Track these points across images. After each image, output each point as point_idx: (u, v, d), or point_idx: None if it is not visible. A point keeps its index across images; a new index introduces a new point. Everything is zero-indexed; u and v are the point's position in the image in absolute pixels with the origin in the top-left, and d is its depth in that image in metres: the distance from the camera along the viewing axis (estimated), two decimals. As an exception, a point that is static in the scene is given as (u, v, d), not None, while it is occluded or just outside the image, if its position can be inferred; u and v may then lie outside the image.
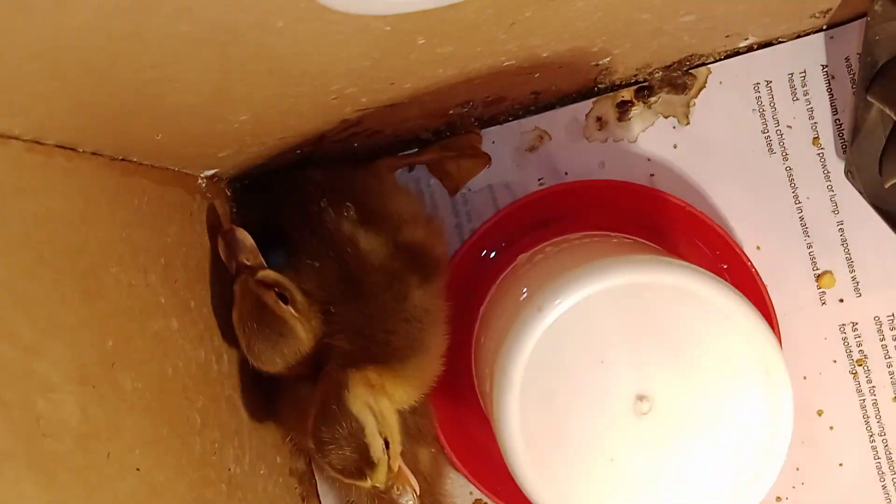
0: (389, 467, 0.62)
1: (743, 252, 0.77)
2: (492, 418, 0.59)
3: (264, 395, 0.74)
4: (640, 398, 0.52)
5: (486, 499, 0.82)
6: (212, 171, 0.72)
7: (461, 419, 0.79)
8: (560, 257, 0.65)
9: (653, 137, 0.82)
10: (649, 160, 0.82)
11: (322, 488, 0.80)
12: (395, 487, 0.63)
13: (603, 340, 0.53)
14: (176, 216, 0.64)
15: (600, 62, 0.72)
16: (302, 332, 0.66)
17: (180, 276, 0.63)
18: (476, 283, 0.78)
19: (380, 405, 0.62)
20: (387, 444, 0.61)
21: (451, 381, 0.78)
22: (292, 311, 0.67)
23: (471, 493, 0.82)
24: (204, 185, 0.72)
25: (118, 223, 0.55)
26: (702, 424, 0.53)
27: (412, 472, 0.69)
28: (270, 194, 0.75)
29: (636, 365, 0.53)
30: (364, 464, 0.60)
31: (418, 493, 0.64)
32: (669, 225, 0.76)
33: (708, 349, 0.53)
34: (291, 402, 0.70)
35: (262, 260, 0.70)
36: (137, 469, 0.50)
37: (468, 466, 0.76)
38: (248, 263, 0.69)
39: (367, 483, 0.61)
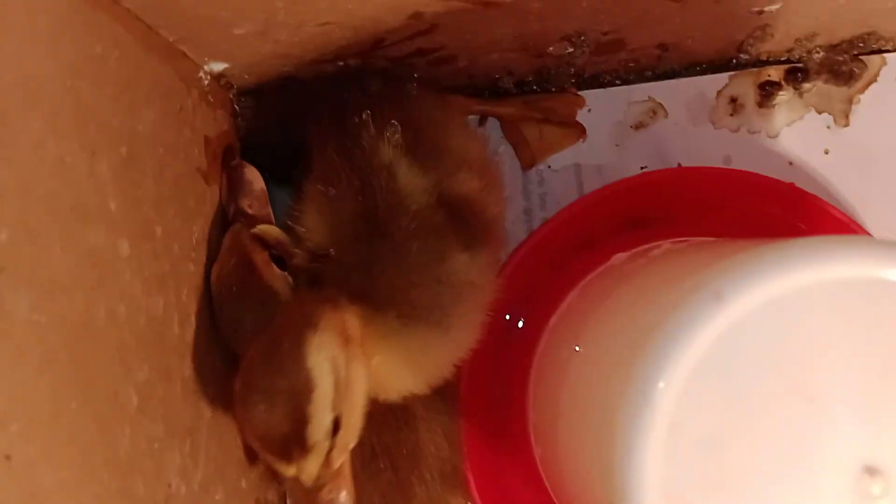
0: (327, 459, 0.41)
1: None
2: (582, 481, 0.38)
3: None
4: (871, 472, 0.31)
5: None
6: (220, 66, 0.52)
7: (500, 473, 0.57)
8: (704, 249, 0.45)
9: (799, 135, 0.63)
10: (791, 164, 0.62)
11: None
12: (326, 489, 0.42)
13: (816, 365, 0.32)
14: (157, 100, 0.44)
15: (766, 8, 0.53)
16: None
17: (147, 186, 0.42)
18: (538, 288, 0.58)
19: (349, 368, 0.42)
20: (336, 426, 0.41)
21: (492, 422, 0.57)
22: (287, 279, 0.49)
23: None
24: (207, 82, 0.52)
25: (61, 64, 0.35)
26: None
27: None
28: (292, 94, 0.55)
29: (867, 415, 0.32)
30: (293, 442, 0.40)
31: (352, 499, 0.43)
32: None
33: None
34: None
35: (270, 212, 0.53)
36: (7, 457, 0.29)
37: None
38: (250, 212, 0.52)
39: (289, 470, 0.41)
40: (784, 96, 0.62)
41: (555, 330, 0.54)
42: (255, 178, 0.53)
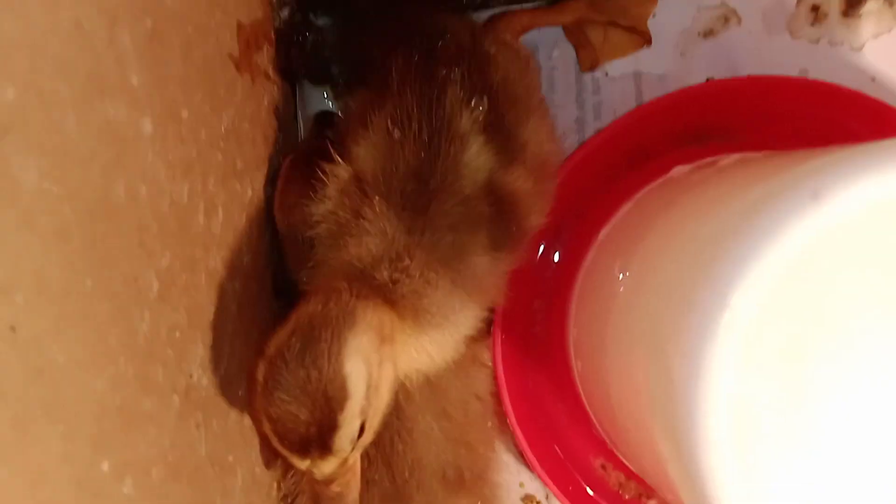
0: (345, 459, 0.40)
1: None
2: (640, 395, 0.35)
3: (266, 289, 0.51)
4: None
5: (538, 496, 0.59)
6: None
7: (533, 387, 0.55)
8: (787, 156, 0.41)
9: (885, 49, 0.57)
10: (873, 80, 0.57)
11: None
12: (335, 483, 0.40)
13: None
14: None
15: None
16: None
17: (173, 65, 0.40)
18: (587, 202, 0.55)
19: (381, 370, 0.40)
20: (361, 429, 0.40)
21: (528, 337, 0.54)
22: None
23: (521, 483, 0.59)
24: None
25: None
26: None
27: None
28: (384, 17, 0.52)
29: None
30: (315, 444, 0.38)
31: (357, 500, 0.42)
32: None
33: None
34: None
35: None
36: (11, 328, 0.27)
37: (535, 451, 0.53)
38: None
39: (303, 465, 0.39)
40: (873, 5, 0.56)
41: (604, 245, 0.51)
42: None
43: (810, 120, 0.53)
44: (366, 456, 0.47)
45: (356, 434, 0.39)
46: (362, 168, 0.47)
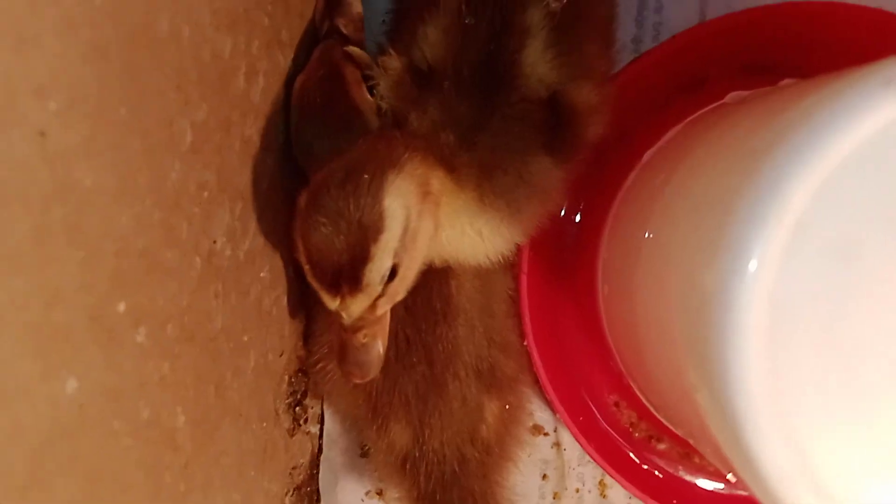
0: (374, 304, 0.39)
1: None
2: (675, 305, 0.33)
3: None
4: None
5: (546, 427, 0.58)
6: None
7: (556, 311, 0.53)
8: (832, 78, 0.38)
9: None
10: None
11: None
12: (362, 332, 0.40)
13: None
14: None
15: None
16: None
17: None
18: (635, 123, 0.52)
19: (420, 221, 0.39)
20: (392, 273, 0.38)
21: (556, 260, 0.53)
22: (375, 106, 0.46)
23: (530, 413, 0.58)
24: None
25: None
26: None
27: (474, 421, 0.48)
28: None
29: None
30: (346, 276, 0.38)
31: (382, 358, 0.41)
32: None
33: None
34: None
35: (363, 38, 0.50)
36: (41, 134, 0.26)
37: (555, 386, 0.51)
38: (345, 32, 0.49)
39: (333, 304, 0.39)
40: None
41: (649, 164, 0.49)
42: (354, 0, 0.49)
43: (877, 55, 0.50)
44: (405, 339, 0.47)
45: (387, 272, 0.38)
46: (428, 51, 0.45)
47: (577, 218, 0.52)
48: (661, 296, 0.39)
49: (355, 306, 0.39)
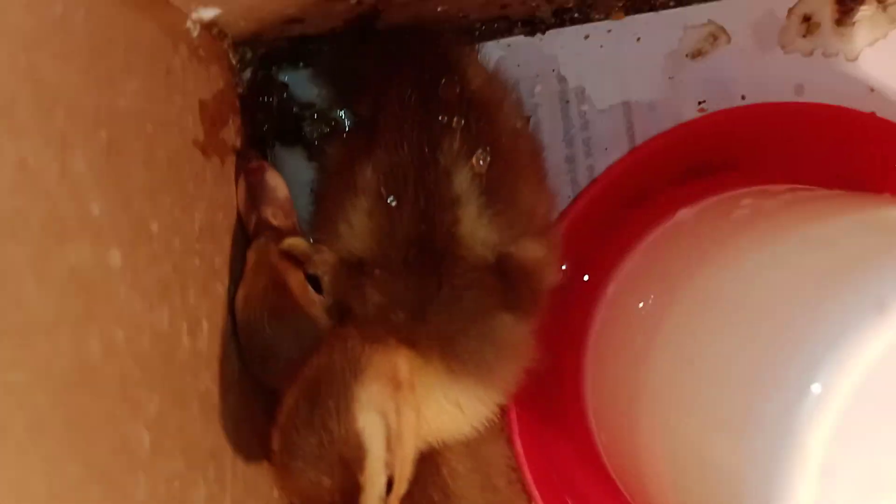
0: None
1: None
2: None
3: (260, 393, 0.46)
4: None
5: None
6: (210, 13, 0.43)
7: (554, 460, 0.51)
8: (797, 210, 0.38)
9: (882, 57, 0.54)
10: (872, 90, 0.54)
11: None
12: None
13: None
14: (138, 65, 0.36)
15: None
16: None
17: (136, 176, 0.35)
18: (590, 253, 0.51)
19: (400, 417, 0.37)
20: (389, 484, 0.36)
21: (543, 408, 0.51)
22: (324, 303, 0.44)
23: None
24: (196, 34, 0.43)
25: (11, 37, 0.26)
26: None
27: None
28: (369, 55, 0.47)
29: None
30: None
31: None
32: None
33: None
34: None
35: (296, 221, 0.47)
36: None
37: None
38: (275, 223, 0.46)
39: None
40: (867, 11, 0.54)
41: (616, 303, 0.48)
42: (278, 183, 0.47)
43: (814, 144, 0.51)
44: None
45: (384, 491, 0.36)
46: (354, 243, 0.43)
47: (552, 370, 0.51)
48: (667, 458, 0.38)
49: None
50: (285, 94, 0.53)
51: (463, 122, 0.43)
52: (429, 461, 0.44)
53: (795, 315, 0.31)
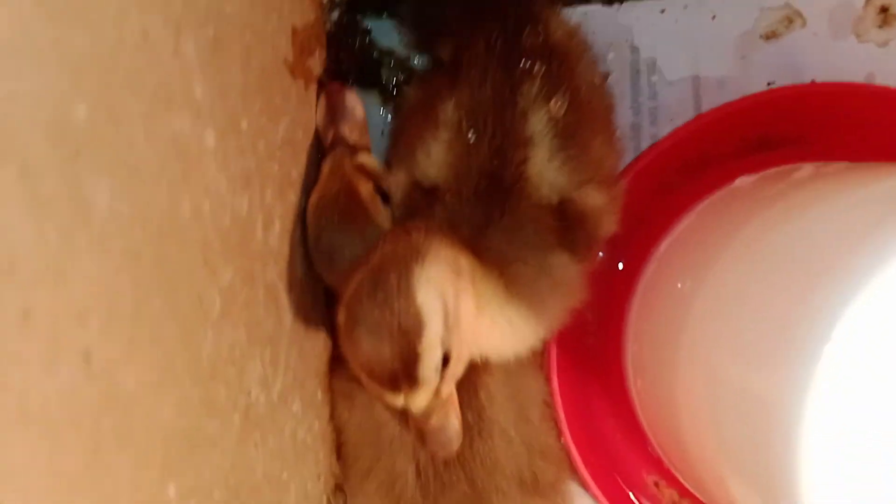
0: (437, 391, 0.39)
1: None
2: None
3: (319, 299, 0.50)
4: None
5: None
6: (313, -53, 0.47)
7: (588, 403, 0.54)
8: (858, 174, 0.39)
9: (959, 53, 0.54)
10: (944, 85, 0.55)
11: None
12: (433, 417, 0.40)
13: None
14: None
15: None
16: None
17: (234, 74, 0.39)
18: (645, 214, 0.53)
19: (458, 301, 0.39)
20: (445, 360, 0.39)
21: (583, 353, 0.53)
22: (389, 216, 0.47)
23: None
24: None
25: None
26: None
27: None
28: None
29: None
30: (402, 376, 0.38)
31: (460, 431, 0.41)
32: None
33: None
34: None
35: (369, 142, 0.51)
36: (85, 357, 0.26)
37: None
38: (350, 140, 0.49)
39: (397, 401, 0.39)
40: (946, 6, 0.54)
41: (666, 258, 0.50)
42: (356, 103, 0.50)
43: (879, 127, 0.51)
44: (442, 458, 0.47)
45: (440, 363, 0.39)
46: (429, 171, 0.46)
47: (596, 315, 0.53)
48: (707, 397, 0.39)
49: (419, 400, 0.39)
50: (368, 39, 0.57)
51: (544, 68, 0.45)
52: (468, 383, 0.47)
53: (831, 263, 0.33)
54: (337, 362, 0.52)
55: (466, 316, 0.40)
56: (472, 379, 0.47)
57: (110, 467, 0.28)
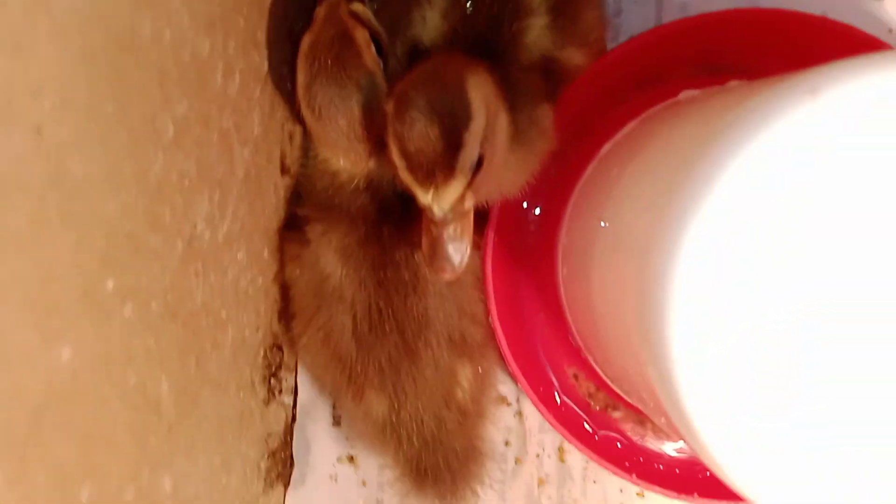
0: (462, 195, 0.41)
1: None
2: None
3: (273, 165, 0.52)
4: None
5: (509, 397, 0.62)
6: None
7: (518, 289, 0.57)
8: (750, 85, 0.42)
9: (906, 2, 0.57)
10: (890, 31, 0.58)
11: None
12: (452, 226, 0.42)
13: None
14: None
15: None
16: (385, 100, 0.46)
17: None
18: (594, 118, 0.56)
19: (497, 118, 0.43)
20: (480, 162, 0.41)
21: (518, 241, 0.56)
22: (381, 66, 0.48)
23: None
24: None
25: None
26: None
27: (449, 386, 0.51)
28: None
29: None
30: (440, 164, 0.40)
31: (469, 250, 0.44)
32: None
33: None
34: None
35: None
36: (37, 130, 0.29)
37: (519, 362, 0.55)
38: None
39: (427, 195, 0.41)
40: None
41: (605, 159, 0.53)
42: None
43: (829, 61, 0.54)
44: (378, 310, 0.50)
45: (475, 161, 0.41)
46: (423, 36, 0.48)
47: (537, 210, 0.56)
48: (615, 279, 0.43)
49: (448, 194, 0.41)
50: None
51: None
52: (408, 246, 0.50)
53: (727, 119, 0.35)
54: (288, 229, 0.55)
55: (502, 135, 0.43)
56: (411, 243, 0.50)
57: (53, 241, 0.31)
